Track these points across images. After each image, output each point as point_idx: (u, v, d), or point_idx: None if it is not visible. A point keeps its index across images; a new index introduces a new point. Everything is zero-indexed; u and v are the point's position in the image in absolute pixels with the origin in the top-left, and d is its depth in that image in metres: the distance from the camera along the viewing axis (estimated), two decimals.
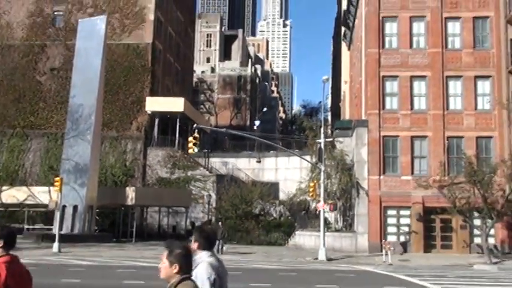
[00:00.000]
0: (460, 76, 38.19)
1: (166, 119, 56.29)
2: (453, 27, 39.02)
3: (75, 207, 40.63)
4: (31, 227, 46.16)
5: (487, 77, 38.18)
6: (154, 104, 55.66)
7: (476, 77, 38.19)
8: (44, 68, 57.93)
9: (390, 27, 39.48)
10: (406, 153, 37.51)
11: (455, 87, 38.34)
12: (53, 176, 43.63)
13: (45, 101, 57.13)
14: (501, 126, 37.22)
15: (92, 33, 45.42)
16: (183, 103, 56.85)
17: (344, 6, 60.31)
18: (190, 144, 32.34)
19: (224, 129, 60.24)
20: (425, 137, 37.70)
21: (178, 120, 55.94)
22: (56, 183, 34.82)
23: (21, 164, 54.61)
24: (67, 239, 35.75)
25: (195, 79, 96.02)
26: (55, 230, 36.22)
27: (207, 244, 5.31)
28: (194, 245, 5.24)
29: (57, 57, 57.81)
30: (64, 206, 39.40)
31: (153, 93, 57.08)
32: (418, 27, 39.18)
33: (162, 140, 55.81)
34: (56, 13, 58.93)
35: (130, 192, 43.63)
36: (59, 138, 51.26)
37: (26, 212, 45.76)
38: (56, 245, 32.21)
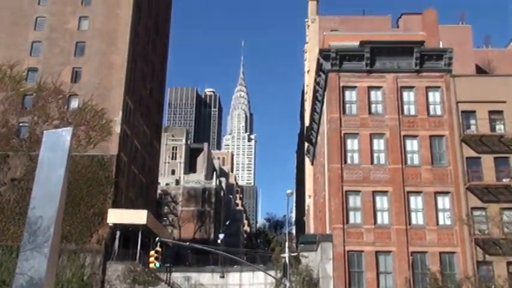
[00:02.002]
0: (421, 192, 38.94)
1: (128, 231, 55.09)
2: (411, 145, 40.36)
3: None
4: None
5: (446, 192, 39.02)
6: (117, 216, 54.68)
7: (436, 193, 38.98)
8: (5, 179, 56.95)
9: (351, 144, 40.58)
10: (371, 268, 37.13)
11: (416, 202, 38.95)
12: None
13: (2, 212, 55.55)
14: (463, 242, 37.53)
15: (56, 145, 44.97)
16: (146, 216, 56.04)
17: (307, 122, 62.25)
18: (151, 259, 31.50)
19: (187, 243, 58.99)
20: (389, 252, 37.59)
21: (140, 233, 54.79)
22: None
23: None
24: None
25: (159, 191, 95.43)
26: None
27: None
28: None
29: (19, 167, 57.13)
30: None
31: (116, 205, 56.27)
32: (378, 144, 40.38)
33: (123, 253, 54.20)
34: (21, 124, 59.10)
35: None
36: (14, 251, 49.25)
37: None
38: None
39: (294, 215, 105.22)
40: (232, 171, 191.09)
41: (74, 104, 59.85)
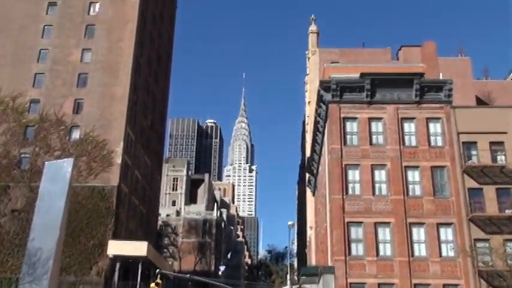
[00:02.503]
0: (423, 223, 38.66)
1: (128, 263, 54.58)
2: (413, 176, 40.24)
3: None
4: None
5: (449, 224, 38.72)
6: (117, 247, 54.24)
7: (439, 224, 38.67)
8: (5, 210, 56.74)
9: (353, 175, 40.49)
10: None
11: (418, 233, 38.63)
12: None
13: (2, 244, 55.15)
14: (466, 274, 37.10)
15: (57, 176, 45.03)
16: (146, 247, 55.60)
17: (308, 153, 62.29)
18: None
19: (188, 275, 58.38)
20: (392, 284, 37.12)
21: (140, 265, 54.27)
22: None
23: None
24: None
25: (159, 222, 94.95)
26: None
27: None
28: None
29: (19, 198, 56.96)
30: None
31: (116, 236, 55.88)
32: (380, 175, 40.29)
33: (122, 285, 53.61)
34: (22, 155, 59.16)
35: None
36: (13, 283, 48.74)
37: None
38: None
39: (295, 246, 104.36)
40: (233, 202, 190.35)
41: (76, 134, 60.03)
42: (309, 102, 66.26)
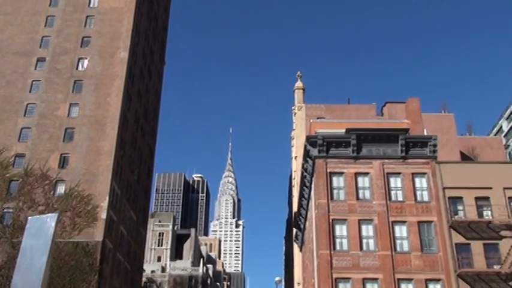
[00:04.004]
0: (411, 279, 38.29)
1: None
2: (400, 231, 40.15)
3: None
4: None
5: (437, 280, 38.41)
6: None
7: (427, 280, 38.37)
8: None
9: (340, 230, 40.28)
10: None
11: None
12: None
13: None
14: None
15: (40, 232, 44.10)
16: None
17: (295, 208, 62.01)
18: None
19: None
20: None
21: None
22: None
23: None
24: None
25: (144, 279, 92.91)
26: None
27: None
28: None
29: (0, 255, 55.64)
30: None
31: None
32: (367, 230, 40.13)
33: None
34: (5, 210, 58.16)
35: None
36: None
37: None
38: None
39: None
40: (219, 258, 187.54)
41: (61, 189, 59.33)
42: (295, 157, 66.49)
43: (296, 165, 63.92)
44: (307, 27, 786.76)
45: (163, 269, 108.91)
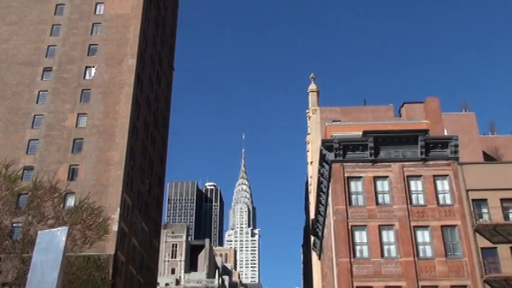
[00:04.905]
0: (436, 286, 36.78)
1: None
2: (423, 236, 38.57)
3: None
4: None
5: (463, 286, 36.88)
6: None
7: (453, 286, 36.95)
8: None
9: (360, 236, 38.74)
10: None
11: None
12: None
13: None
14: None
15: (50, 246, 42.76)
16: None
17: (312, 215, 60.34)
18: None
19: None
20: None
21: None
22: None
23: None
24: None
25: None
26: None
27: None
28: None
29: (10, 271, 54.38)
30: None
31: None
32: (388, 236, 38.56)
33: None
34: (14, 225, 57.03)
35: None
36: None
37: None
38: None
39: None
40: (235, 269, 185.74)
41: (70, 202, 58.20)
42: (311, 162, 64.87)
43: (312, 171, 62.33)
44: (319, 29, 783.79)
45: (177, 282, 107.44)
